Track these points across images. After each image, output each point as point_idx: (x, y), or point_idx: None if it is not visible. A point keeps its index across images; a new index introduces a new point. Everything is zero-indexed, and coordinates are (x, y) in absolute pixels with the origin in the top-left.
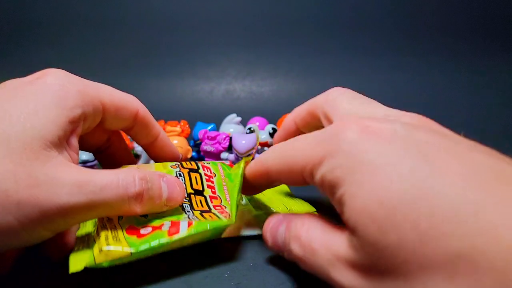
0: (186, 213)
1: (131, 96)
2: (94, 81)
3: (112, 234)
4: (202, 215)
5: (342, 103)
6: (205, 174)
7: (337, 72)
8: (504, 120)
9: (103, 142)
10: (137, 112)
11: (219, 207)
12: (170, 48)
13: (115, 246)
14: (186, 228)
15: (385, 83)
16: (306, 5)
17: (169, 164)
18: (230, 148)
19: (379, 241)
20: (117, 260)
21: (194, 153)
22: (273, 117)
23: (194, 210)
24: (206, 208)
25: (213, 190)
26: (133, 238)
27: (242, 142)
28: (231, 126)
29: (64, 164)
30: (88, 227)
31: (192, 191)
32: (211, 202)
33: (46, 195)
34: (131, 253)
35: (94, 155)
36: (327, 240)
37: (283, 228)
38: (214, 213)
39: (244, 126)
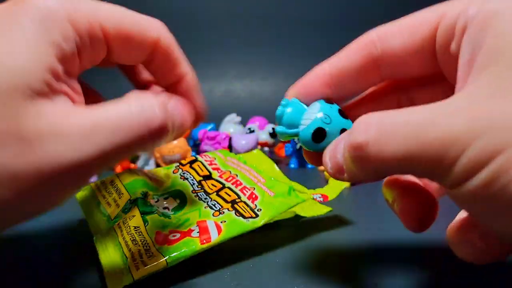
0: (203, 201)
1: (152, 20)
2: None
3: (144, 248)
4: (234, 207)
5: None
6: (205, 160)
7: None
8: None
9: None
10: (157, 41)
11: (250, 195)
12: None
13: (151, 264)
14: (216, 235)
15: None
16: (306, 5)
17: (171, 169)
18: (230, 148)
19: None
20: (154, 272)
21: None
22: (273, 117)
23: (210, 194)
24: (234, 196)
25: (219, 171)
26: (164, 247)
27: (242, 142)
28: (231, 126)
29: (62, 111)
30: (109, 248)
31: (201, 178)
32: (236, 187)
33: (44, 156)
34: (167, 262)
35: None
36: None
37: (341, 143)
38: (245, 202)
39: (244, 126)
